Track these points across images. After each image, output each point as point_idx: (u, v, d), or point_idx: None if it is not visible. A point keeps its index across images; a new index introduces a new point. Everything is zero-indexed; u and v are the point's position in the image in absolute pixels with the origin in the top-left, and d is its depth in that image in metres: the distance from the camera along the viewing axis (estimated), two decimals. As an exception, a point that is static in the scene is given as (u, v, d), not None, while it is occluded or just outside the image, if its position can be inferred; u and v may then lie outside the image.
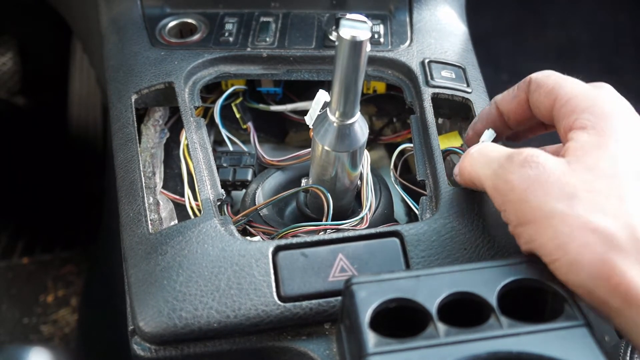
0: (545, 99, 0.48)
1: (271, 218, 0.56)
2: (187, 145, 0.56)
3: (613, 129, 0.42)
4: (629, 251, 0.37)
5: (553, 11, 1.21)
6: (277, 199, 0.55)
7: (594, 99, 0.45)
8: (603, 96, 0.45)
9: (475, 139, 0.54)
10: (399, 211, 0.63)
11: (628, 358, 0.53)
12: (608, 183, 0.40)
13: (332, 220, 0.52)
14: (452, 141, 0.59)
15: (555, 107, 0.47)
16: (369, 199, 0.55)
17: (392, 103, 0.69)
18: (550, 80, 0.48)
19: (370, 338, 0.36)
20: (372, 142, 0.69)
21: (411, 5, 0.70)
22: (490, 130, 0.53)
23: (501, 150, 0.45)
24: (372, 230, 0.48)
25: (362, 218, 0.54)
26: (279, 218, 0.57)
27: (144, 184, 0.53)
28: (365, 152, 0.54)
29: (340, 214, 0.55)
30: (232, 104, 0.65)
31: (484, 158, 0.46)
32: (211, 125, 0.64)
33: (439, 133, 0.57)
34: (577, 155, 0.42)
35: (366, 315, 0.37)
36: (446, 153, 0.55)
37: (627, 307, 0.36)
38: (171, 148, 0.62)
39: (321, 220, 0.53)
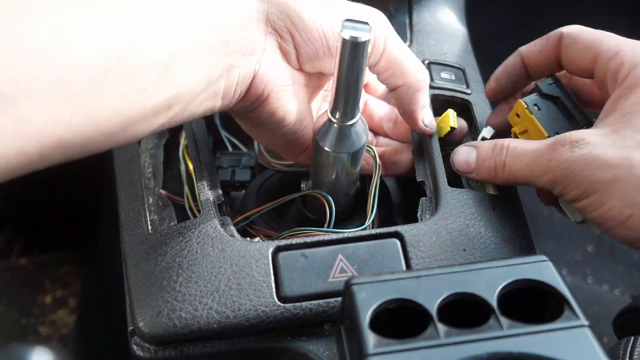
0: (584, 55, 0.49)
1: (271, 219, 0.56)
2: (187, 146, 0.56)
3: None
4: None
5: (552, 13, 1.21)
6: (278, 204, 0.55)
7: None
8: None
9: (497, 91, 0.57)
10: (398, 212, 0.63)
11: (627, 359, 0.53)
12: None
13: (332, 222, 0.52)
14: (447, 123, 0.58)
15: (599, 62, 0.48)
16: (374, 209, 0.55)
17: (391, 104, 0.69)
18: (587, 35, 0.50)
19: (371, 338, 0.36)
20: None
21: (411, 6, 0.70)
22: (489, 127, 0.55)
23: (535, 144, 0.48)
24: (372, 231, 0.49)
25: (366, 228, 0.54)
26: (278, 219, 0.57)
27: (143, 185, 0.53)
28: (378, 160, 0.54)
29: (340, 215, 0.55)
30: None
31: (525, 159, 0.48)
32: (210, 126, 0.64)
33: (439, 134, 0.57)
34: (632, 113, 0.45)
35: (366, 316, 0.37)
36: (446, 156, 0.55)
37: None
38: (170, 149, 0.61)
39: (321, 222, 0.53)
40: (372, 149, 0.53)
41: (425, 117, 0.53)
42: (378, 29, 0.48)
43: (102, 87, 0.36)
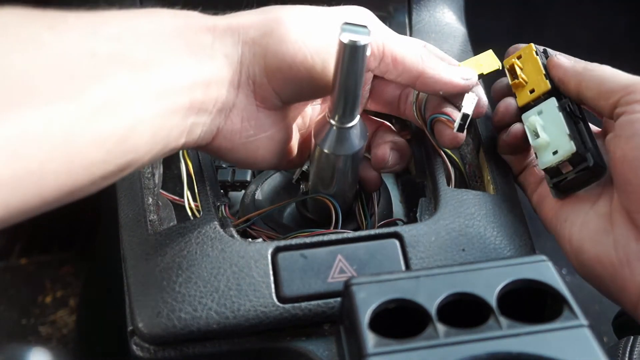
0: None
1: (270, 219, 0.56)
2: (187, 146, 0.56)
3: None
4: None
5: (552, 13, 1.21)
6: (281, 206, 0.55)
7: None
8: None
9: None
10: (398, 213, 0.63)
11: (627, 359, 0.53)
12: None
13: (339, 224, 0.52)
14: (484, 65, 0.54)
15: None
16: (375, 209, 0.55)
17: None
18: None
19: (370, 339, 0.36)
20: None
21: (410, 6, 0.70)
22: (472, 94, 0.51)
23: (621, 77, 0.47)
24: (371, 232, 0.49)
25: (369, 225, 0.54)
26: (277, 219, 0.57)
27: (143, 185, 0.53)
28: None
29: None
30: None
31: (601, 86, 0.47)
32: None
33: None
34: None
35: (366, 316, 0.37)
36: (434, 121, 0.53)
37: None
38: (170, 149, 0.61)
39: (321, 223, 0.54)
40: None
41: (462, 77, 0.50)
42: (375, 33, 0.47)
43: (43, 173, 0.34)
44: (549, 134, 0.49)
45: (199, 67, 0.41)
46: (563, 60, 0.51)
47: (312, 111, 0.54)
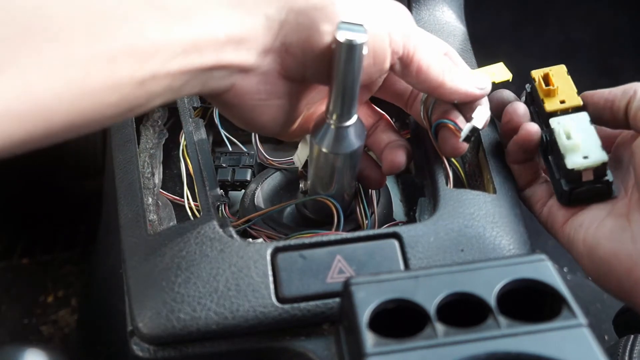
0: None
1: (270, 219, 0.56)
2: (186, 146, 0.56)
3: None
4: None
5: (552, 11, 1.21)
6: (282, 207, 0.55)
7: None
8: None
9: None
10: (398, 211, 0.63)
11: (627, 358, 0.53)
12: None
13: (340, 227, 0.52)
14: (496, 74, 0.55)
15: None
16: (374, 208, 0.55)
17: (391, 104, 0.69)
18: None
19: (369, 338, 0.36)
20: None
21: (410, 5, 0.70)
22: (484, 107, 0.51)
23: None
24: (370, 232, 0.49)
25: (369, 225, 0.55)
26: (278, 219, 0.57)
27: (142, 185, 0.53)
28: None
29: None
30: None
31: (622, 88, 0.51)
32: (210, 126, 0.64)
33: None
34: None
35: (365, 316, 0.37)
36: (439, 125, 0.53)
37: None
38: (170, 149, 0.62)
39: (321, 222, 0.53)
40: None
41: (477, 87, 0.50)
42: (409, 37, 0.46)
43: (52, 110, 0.35)
44: (581, 140, 0.51)
45: (235, 22, 0.40)
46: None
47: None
